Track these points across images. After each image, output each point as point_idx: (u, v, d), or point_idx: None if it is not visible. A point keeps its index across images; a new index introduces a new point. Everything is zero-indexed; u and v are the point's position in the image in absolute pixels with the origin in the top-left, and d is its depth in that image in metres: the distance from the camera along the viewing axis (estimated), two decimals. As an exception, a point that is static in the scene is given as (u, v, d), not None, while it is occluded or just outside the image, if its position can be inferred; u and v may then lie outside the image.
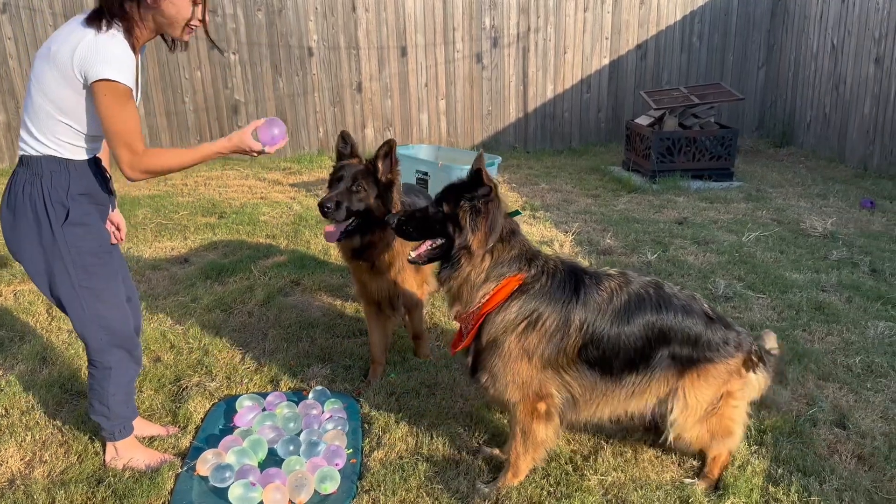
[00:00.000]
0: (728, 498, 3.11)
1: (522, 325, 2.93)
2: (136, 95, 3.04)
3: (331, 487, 3.16)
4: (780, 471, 3.30)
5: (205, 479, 3.25)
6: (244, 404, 3.78)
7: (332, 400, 3.82)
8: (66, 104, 2.82)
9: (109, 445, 3.35)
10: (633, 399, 3.09)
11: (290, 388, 4.06)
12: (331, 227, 3.77)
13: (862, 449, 3.44)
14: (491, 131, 10.93)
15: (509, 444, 3.18)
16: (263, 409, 3.77)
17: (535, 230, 6.85)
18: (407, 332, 4.57)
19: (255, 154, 3.05)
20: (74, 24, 2.81)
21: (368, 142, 10.61)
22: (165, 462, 3.35)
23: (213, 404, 3.88)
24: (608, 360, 2.99)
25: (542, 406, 3.01)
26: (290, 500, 3.11)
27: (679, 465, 3.38)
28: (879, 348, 4.44)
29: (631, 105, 11.04)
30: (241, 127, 10.33)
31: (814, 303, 5.12)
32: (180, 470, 3.32)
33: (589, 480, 3.22)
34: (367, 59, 10.38)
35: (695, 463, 3.39)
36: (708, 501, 3.11)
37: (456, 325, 3.28)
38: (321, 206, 3.68)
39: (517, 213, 3.13)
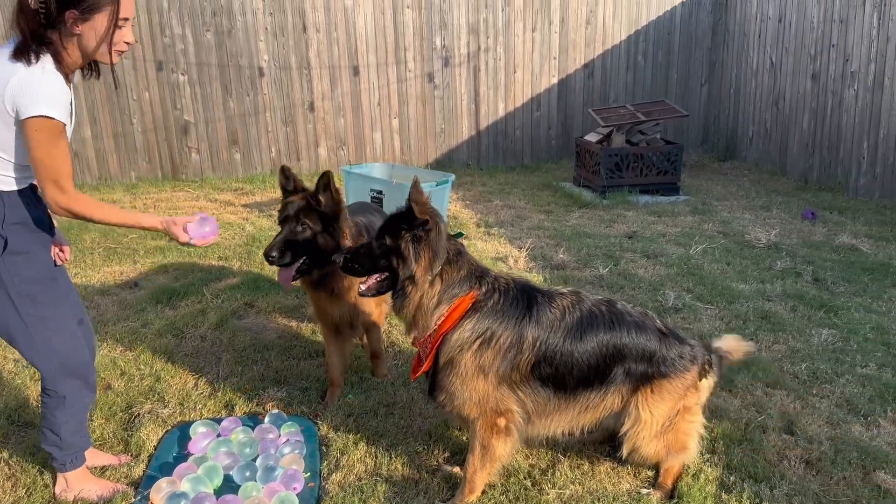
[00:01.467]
0: (683, 506, 3.18)
1: (477, 342, 2.96)
2: (70, 124, 2.99)
3: (289, 512, 3.13)
4: (732, 478, 3.38)
5: (159, 508, 3.19)
6: (198, 430, 3.72)
7: (289, 423, 3.78)
8: None
9: (60, 477, 3.26)
10: (586, 414, 3.14)
11: (245, 412, 4.00)
12: (283, 272, 3.77)
13: (810, 454, 3.55)
14: (444, 149, 11.01)
15: (466, 460, 3.19)
16: (218, 435, 3.71)
17: (489, 246, 6.90)
18: (364, 352, 4.55)
19: (181, 244, 3.10)
20: (2, 59, 2.73)
21: (322, 161, 10.59)
22: (118, 492, 3.27)
23: (166, 431, 3.80)
24: (562, 377, 3.03)
25: (501, 421, 3.04)
26: (247, 527, 3.08)
27: (634, 475, 3.44)
28: (824, 355, 4.59)
29: (580, 122, 11.25)
30: (191, 148, 10.31)
31: (760, 312, 5.27)
32: (133, 500, 3.24)
33: (547, 494, 3.25)
34: (319, 79, 10.37)
35: (650, 473, 3.45)
36: (664, 511, 3.17)
37: (414, 348, 3.28)
38: (266, 256, 3.70)
39: (460, 234, 3.18)
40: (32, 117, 2.66)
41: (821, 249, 6.72)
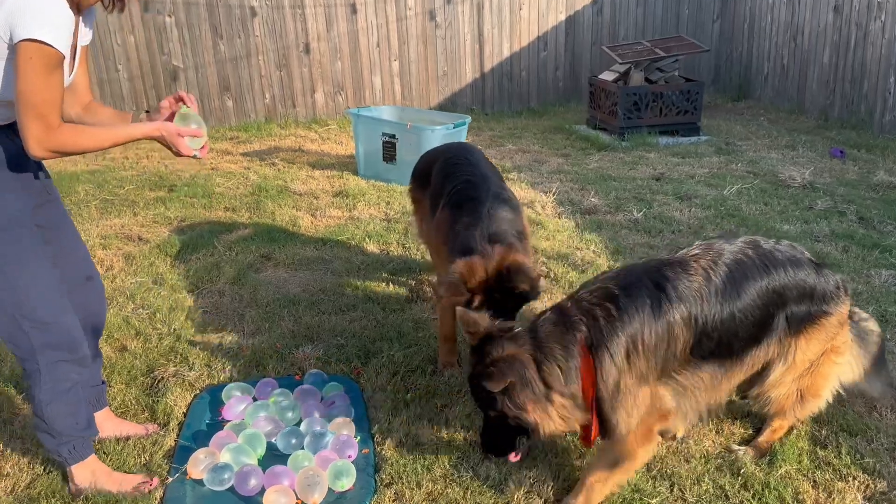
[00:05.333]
0: (780, 465, 2.90)
1: (627, 362, 2.48)
2: (74, 63, 2.60)
3: (347, 483, 2.81)
4: (823, 432, 3.11)
5: (199, 482, 2.86)
6: (232, 394, 3.38)
7: (332, 384, 3.44)
8: None
9: (68, 469, 2.83)
10: (750, 371, 2.77)
11: (279, 373, 3.65)
12: None
13: (899, 403, 3.27)
14: (447, 93, 10.50)
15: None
16: (254, 399, 3.38)
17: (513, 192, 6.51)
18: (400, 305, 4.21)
19: (182, 156, 2.70)
20: None
21: (319, 107, 10.06)
22: (142, 490, 2.80)
23: (195, 396, 3.45)
24: (727, 345, 2.61)
25: (656, 427, 2.61)
26: (300, 502, 2.75)
27: (717, 432, 3.15)
28: (888, 297, 4.31)
29: (588, 62, 10.76)
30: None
31: (812, 253, 4.89)
32: (168, 474, 2.90)
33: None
34: (314, 18, 9.77)
35: (733, 429, 3.16)
36: (759, 470, 2.88)
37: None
38: None
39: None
40: (27, 41, 2.25)
41: (857, 188, 6.41)
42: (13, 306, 2.56)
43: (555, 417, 2.48)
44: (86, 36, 2.69)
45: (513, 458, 2.71)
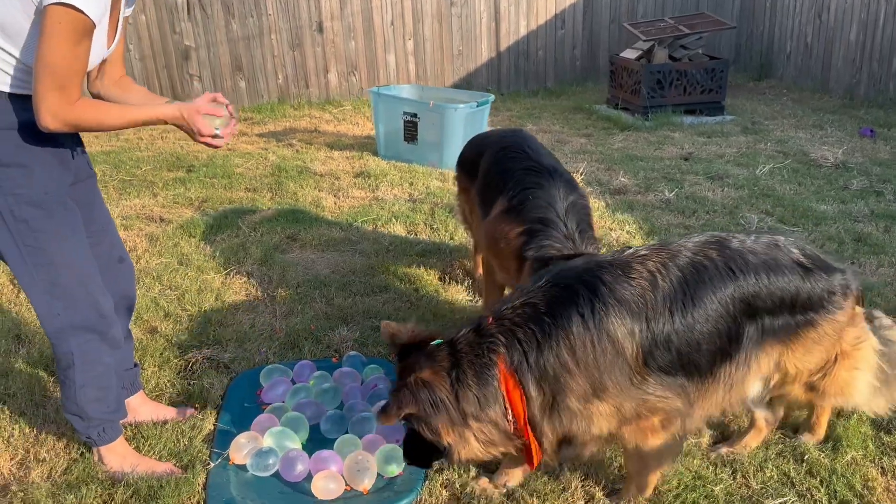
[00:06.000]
0: (845, 452, 2.79)
1: (560, 381, 2.23)
2: (115, 36, 2.48)
3: (397, 469, 2.71)
4: (885, 417, 2.99)
5: (242, 468, 2.76)
6: (270, 377, 3.27)
7: (372, 366, 3.33)
8: (8, 24, 2.21)
9: (95, 450, 2.76)
10: (733, 391, 2.42)
11: (315, 355, 3.54)
12: None
13: (961, 386, 3.15)
14: (462, 73, 10.33)
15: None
16: (293, 382, 3.27)
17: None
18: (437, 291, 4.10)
19: (202, 136, 2.49)
20: None
21: (332, 87, 9.90)
22: (171, 475, 2.72)
23: (231, 378, 3.35)
24: (688, 358, 2.30)
25: (653, 421, 2.35)
26: (349, 488, 2.65)
27: (774, 416, 3.04)
28: (937, 278, 4.19)
29: (606, 40, 10.58)
30: (193, 76, 9.57)
31: (852, 234, 4.84)
32: (210, 459, 2.80)
33: (701, 438, 2.85)
34: (328, -4, 9.60)
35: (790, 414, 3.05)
36: (824, 456, 2.78)
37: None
38: None
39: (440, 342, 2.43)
40: (57, 4, 2.11)
41: (892, 168, 6.27)
42: (48, 283, 2.45)
43: (472, 442, 2.31)
44: (127, 9, 2.55)
45: None
